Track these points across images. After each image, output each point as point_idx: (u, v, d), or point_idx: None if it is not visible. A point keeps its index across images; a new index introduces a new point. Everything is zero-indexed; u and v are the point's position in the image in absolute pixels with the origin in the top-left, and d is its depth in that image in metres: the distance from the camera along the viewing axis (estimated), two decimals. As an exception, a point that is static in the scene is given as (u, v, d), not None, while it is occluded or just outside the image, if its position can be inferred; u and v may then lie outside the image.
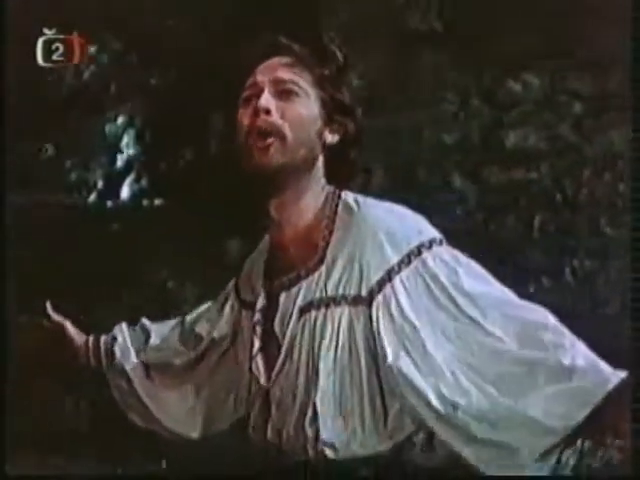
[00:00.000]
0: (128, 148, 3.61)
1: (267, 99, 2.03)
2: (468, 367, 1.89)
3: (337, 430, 1.93)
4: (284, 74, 2.07)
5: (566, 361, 1.86)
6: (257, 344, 2.07)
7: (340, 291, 1.97)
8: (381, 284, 1.94)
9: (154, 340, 2.31)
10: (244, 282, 2.19)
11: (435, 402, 1.87)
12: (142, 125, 3.63)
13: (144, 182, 3.57)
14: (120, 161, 3.60)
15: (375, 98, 3.04)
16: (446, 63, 3.06)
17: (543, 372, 1.86)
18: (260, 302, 2.08)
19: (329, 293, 1.97)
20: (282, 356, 2.01)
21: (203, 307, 2.30)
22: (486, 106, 3.02)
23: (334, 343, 1.95)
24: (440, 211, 2.95)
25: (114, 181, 3.58)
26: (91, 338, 2.32)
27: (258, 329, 2.07)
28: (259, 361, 2.06)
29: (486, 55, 3.03)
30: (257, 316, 2.08)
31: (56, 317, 2.32)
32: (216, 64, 3.60)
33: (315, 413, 1.94)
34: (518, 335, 1.90)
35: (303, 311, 1.99)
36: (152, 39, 3.64)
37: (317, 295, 1.98)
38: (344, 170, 2.10)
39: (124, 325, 2.33)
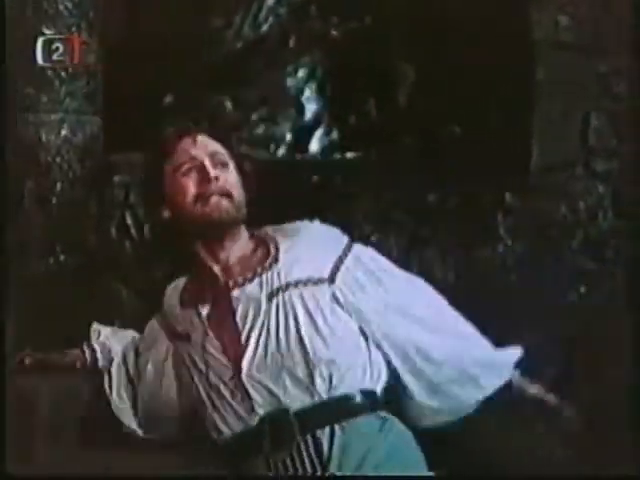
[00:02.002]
0: (309, 102, 3.57)
1: (213, 170, 2.51)
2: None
3: (332, 372, 2.38)
4: (217, 148, 2.57)
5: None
6: (213, 344, 2.44)
7: (305, 276, 2.44)
8: (335, 268, 2.46)
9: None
10: (169, 317, 2.60)
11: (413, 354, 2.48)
12: (323, 78, 3.56)
13: (334, 135, 3.52)
14: (308, 114, 3.55)
15: (584, 41, 2.95)
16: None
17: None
18: (205, 311, 2.48)
19: (295, 278, 2.43)
20: (255, 336, 2.40)
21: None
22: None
23: (311, 311, 2.40)
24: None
25: (303, 135, 3.53)
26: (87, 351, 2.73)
27: (210, 332, 2.46)
28: (221, 358, 2.44)
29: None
30: (206, 323, 2.48)
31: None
32: (399, 10, 3.51)
33: (331, 361, 2.37)
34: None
35: (272, 295, 2.42)
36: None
37: (283, 281, 2.43)
38: None
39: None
